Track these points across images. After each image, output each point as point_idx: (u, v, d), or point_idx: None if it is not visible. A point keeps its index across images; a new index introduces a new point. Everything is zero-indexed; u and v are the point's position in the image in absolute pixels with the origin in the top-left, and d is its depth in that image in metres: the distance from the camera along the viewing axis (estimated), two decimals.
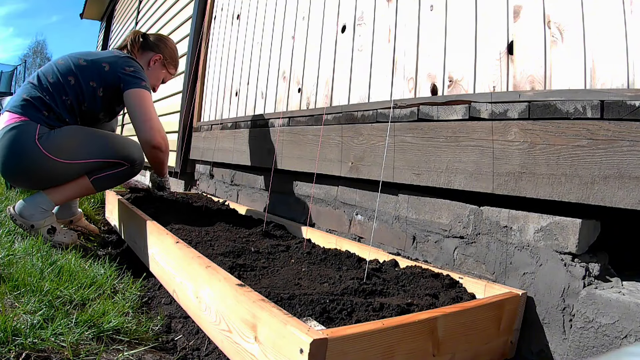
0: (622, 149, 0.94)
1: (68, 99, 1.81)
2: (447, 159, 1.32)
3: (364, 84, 1.72)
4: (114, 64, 1.86)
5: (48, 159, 1.74)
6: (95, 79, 1.84)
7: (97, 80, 1.84)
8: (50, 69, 1.84)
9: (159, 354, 1.11)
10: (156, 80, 2.20)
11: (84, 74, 1.83)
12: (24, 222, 1.80)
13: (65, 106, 1.81)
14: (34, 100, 1.76)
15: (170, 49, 2.20)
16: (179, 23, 3.97)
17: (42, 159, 1.73)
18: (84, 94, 1.83)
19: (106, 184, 1.95)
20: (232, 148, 2.69)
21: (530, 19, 1.16)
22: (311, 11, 2.11)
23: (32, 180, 1.84)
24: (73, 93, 1.81)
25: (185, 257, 1.23)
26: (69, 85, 1.80)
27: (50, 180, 1.82)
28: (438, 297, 1.10)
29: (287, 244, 1.57)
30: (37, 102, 1.76)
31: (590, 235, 1.04)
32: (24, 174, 1.79)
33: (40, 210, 1.81)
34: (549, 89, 1.11)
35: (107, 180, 1.92)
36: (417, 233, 1.44)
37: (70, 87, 1.81)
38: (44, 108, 1.77)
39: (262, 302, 0.85)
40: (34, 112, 1.75)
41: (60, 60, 1.87)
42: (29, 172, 1.78)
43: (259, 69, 2.56)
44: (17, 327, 0.98)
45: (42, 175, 1.79)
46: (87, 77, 1.83)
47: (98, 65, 1.85)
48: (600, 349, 0.91)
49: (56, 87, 1.79)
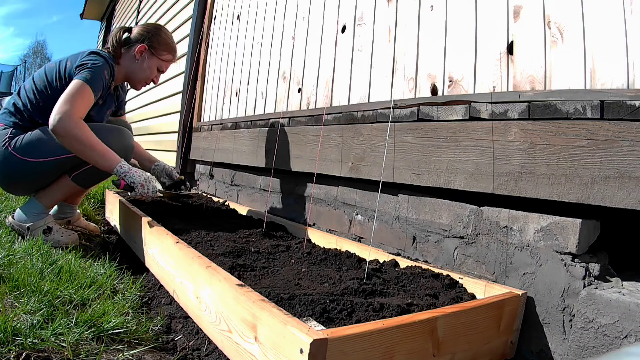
0: (622, 149, 0.94)
1: (40, 101, 1.87)
2: (447, 159, 1.32)
3: (364, 84, 1.72)
4: (73, 60, 1.88)
5: (23, 162, 1.82)
6: (59, 78, 1.86)
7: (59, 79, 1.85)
8: (31, 76, 1.96)
9: (159, 354, 1.11)
10: (149, 72, 2.02)
11: (51, 74, 1.89)
12: (21, 227, 1.88)
13: (39, 108, 1.86)
14: (7, 106, 1.90)
15: (157, 34, 2.02)
16: (179, 23, 3.98)
17: (17, 163, 1.82)
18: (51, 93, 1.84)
19: (88, 179, 1.89)
20: (232, 148, 2.69)
21: (530, 19, 1.16)
22: (311, 11, 2.11)
23: (13, 186, 1.95)
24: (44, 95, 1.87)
25: (185, 257, 1.23)
26: (38, 88, 1.88)
27: (31, 183, 1.90)
28: (438, 297, 1.10)
29: (287, 244, 1.57)
30: (10, 107, 1.89)
31: (591, 235, 1.04)
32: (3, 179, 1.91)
33: (32, 214, 1.89)
34: (549, 89, 1.11)
35: (88, 175, 1.86)
36: (417, 233, 1.44)
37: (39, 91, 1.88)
38: (16, 112, 1.88)
39: (262, 302, 0.85)
40: (5, 118, 1.88)
41: (40, 68, 2.00)
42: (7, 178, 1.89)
43: (259, 69, 2.56)
44: (17, 327, 0.98)
45: (21, 178, 1.87)
46: (52, 77, 1.87)
47: (62, 64, 1.89)
48: (600, 349, 0.91)
49: (30, 92, 1.89)
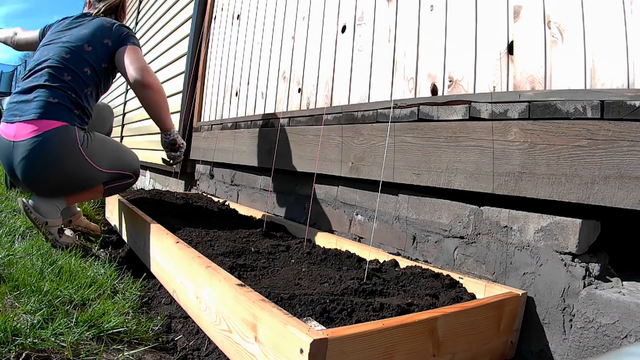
0: (622, 149, 0.94)
1: (89, 89, 1.82)
2: (447, 159, 1.32)
3: (364, 84, 1.72)
4: (113, 37, 1.88)
5: (87, 165, 1.77)
6: (104, 60, 1.87)
7: (105, 60, 1.87)
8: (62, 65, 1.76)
9: (159, 354, 1.11)
10: None
11: (94, 58, 1.84)
12: (39, 217, 1.75)
13: (87, 97, 1.82)
14: (62, 102, 1.70)
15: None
16: (179, 23, 3.97)
17: (82, 165, 1.75)
18: (99, 77, 1.87)
19: (114, 192, 2.08)
20: (232, 148, 2.69)
21: (531, 18, 1.16)
22: (311, 11, 2.11)
23: (60, 186, 1.80)
24: (92, 82, 1.84)
25: (185, 257, 1.23)
26: (86, 76, 1.81)
27: (78, 186, 1.86)
28: (438, 297, 1.10)
29: (287, 244, 1.57)
30: (66, 103, 1.71)
31: (591, 235, 1.04)
32: (58, 180, 1.75)
33: (55, 209, 1.81)
34: (549, 89, 1.10)
35: (116, 189, 2.05)
36: (417, 233, 1.44)
37: (89, 77, 1.82)
38: (74, 107, 1.74)
39: (262, 302, 0.85)
40: (66, 114, 1.70)
41: (65, 54, 1.79)
42: (63, 178, 1.76)
43: (259, 69, 2.56)
44: (17, 327, 0.98)
45: (75, 180, 1.82)
46: (98, 60, 1.84)
47: (102, 44, 1.86)
48: (600, 349, 0.91)
49: (77, 83, 1.77)
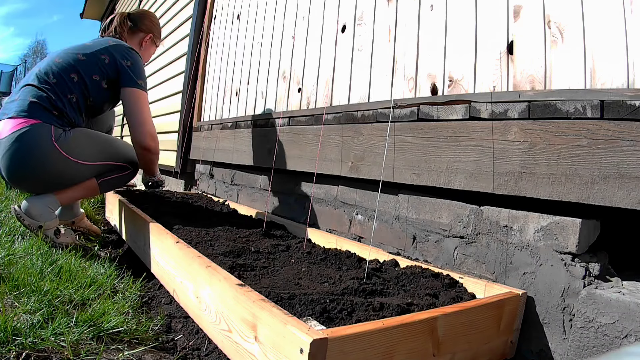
0: (622, 149, 0.94)
1: (74, 97, 1.81)
2: (447, 158, 1.32)
3: (364, 84, 1.72)
4: (113, 56, 1.88)
5: (65, 160, 1.75)
6: (97, 73, 1.86)
7: (99, 74, 1.86)
8: (49, 69, 1.81)
9: (159, 353, 1.11)
10: (149, 57, 2.30)
11: (85, 68, 1.83)
12: (32, 223, 1.75)
13: (72, 104, 1.81)
14: (41, 102, 1.73)
15: (156, 25, 2.27)
16: (179, 23, 3.97)
17: (59, 160, 1.74)
18: (88, 89, 1.85)
19: (111, 186, 2.02)
20: (232, 148, 2.69)
21: (531, 18, 1.16)
22: (311, 11, 2.11)
23: (42, 183, 1.80)
24: (78, 90, 1.82)
25: (185, 256, 1.23)
26: (72, 83, 1.81)
27: (62, 182, 1.83)
28: (438, 297, 1.10)
29: (287, 244, 1.57)
30: (45, 103, 1.74)
31: (591, 235, 1.04)
32: (37, 177, 1.76)
33: (48, 211, 1.79)
34: (549, 88, 1.10)
35: (113, 183, 2.00)
36: (417, 233, 1.44)
37: (75, 84, 1.81)
38: (52, 109, 1.75)
39: (262, 302, 0.85)
40: (43, 114, 1.72)
41: (57, 59, 1.85)
42: (43, 175, 1.75)
43: (259, 68, 2.56)
44: (17, 326, 0.98)
45: (56, 177, 1.79)
46: (89, 72, 1.84)
47: (97, 58, 1.86)
48: (600, 349, 0.91)
49: (60, 87, 1.78)
